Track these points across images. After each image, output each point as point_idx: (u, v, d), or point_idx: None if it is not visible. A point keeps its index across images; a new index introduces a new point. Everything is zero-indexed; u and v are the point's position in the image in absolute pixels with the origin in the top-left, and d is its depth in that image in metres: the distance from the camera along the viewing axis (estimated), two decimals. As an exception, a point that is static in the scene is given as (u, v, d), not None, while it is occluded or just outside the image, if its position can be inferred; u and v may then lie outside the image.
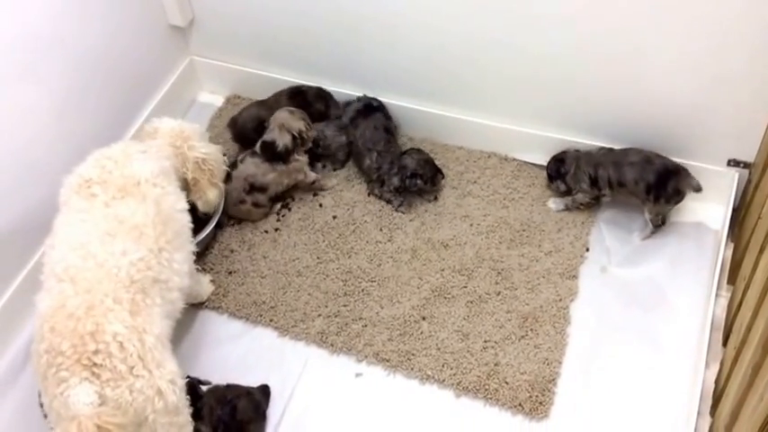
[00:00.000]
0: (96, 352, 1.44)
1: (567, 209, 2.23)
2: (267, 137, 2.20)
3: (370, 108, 2.34)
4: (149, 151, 1.82)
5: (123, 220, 1.62)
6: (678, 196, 2.09)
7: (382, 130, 2.30)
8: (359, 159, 2.32)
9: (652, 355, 1.93)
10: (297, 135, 2.19)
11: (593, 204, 2.22)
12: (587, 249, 2.16)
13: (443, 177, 2.28)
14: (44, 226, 1.68)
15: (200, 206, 2.00)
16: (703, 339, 1.86)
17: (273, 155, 2.18)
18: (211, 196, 1.99)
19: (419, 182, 2.22)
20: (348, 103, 2.39)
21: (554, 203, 2.25)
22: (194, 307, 2.06)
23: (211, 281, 2.11)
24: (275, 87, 2.44)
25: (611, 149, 2.17)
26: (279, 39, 2.36)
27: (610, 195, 2.17)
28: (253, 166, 2.19)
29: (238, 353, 2.01)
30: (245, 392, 1.83)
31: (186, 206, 1.82)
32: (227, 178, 2.14)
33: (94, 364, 1.43)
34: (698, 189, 2.08)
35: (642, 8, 1.87)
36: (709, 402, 1.81)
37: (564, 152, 2.24)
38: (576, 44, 2.01)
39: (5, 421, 1.90)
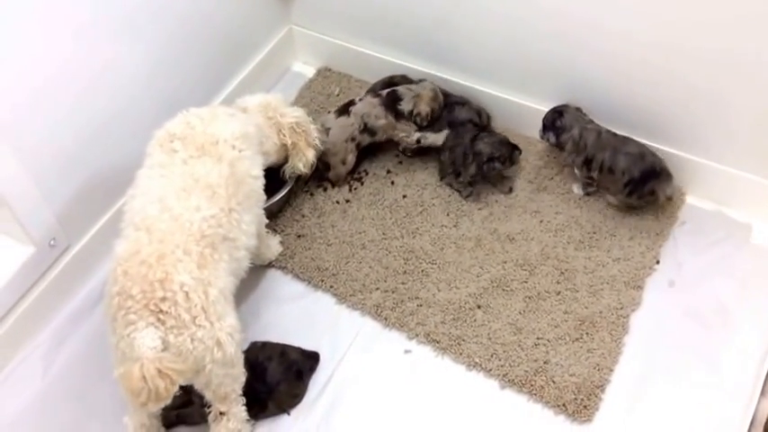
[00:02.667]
0: (163, 299, 1.50)
1: (588, 194, 2.23)
2: (401, 90, 2.27)
3: None
4: (237, 115, 1.89)
5: (198, 179, 1.69)
6: (651, 197, 2.13)
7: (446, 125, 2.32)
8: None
9: (707, 377, 1.87)
10: (415, 112, 2.26)
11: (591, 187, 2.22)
12: (657, 261, 2.10)
13: (521, 152, 2.26)
14: (130, 176, 1.76)
15: (302, 167, 2.12)
16: (763, 367, 1.80)
17: (393, 107, 2.25)
18: (310, 156, 2.11)
19: (497, 165, 2.21)
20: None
21: (577, 188, 2.25)
22: (261, 265, 2.14)
23: (280, 242, 2.18)
24: (368, 64, 2.50)
25: (614, 134, 2.16)
26: (379, 16, 2.38)
27: (596, 179, 2.18)
28: (369, 106, 2.26)
29: (297, 314, 2.07)
30: (279, 352, 1.89)
31: (260, 172, 1.88)
32: (347, 112, 2.26)
33: (161, 311, 1.50)
34: (669, 198, 2.14)
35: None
36: (761, 432, 1.75)
37: (565, 105, 2.21)
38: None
39: (81, 350, 2.03)
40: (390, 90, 2.29)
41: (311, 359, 1.94)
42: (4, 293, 1.92)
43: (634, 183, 2.10)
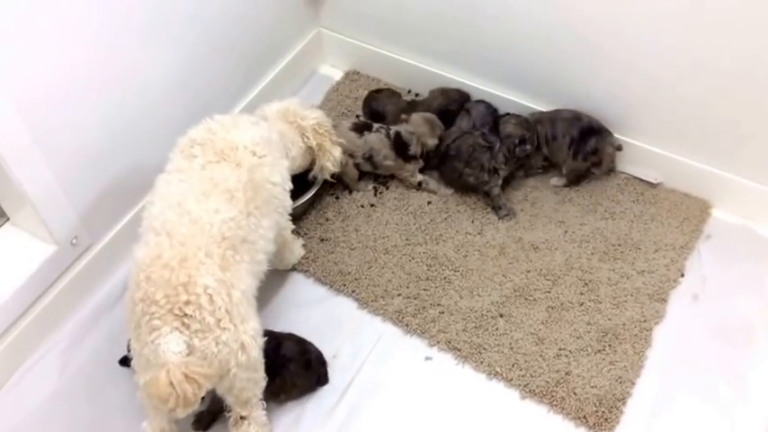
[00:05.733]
0: (187, 303, 1.49)
1: (567, 185, 2.29)
2: (405, 136, 2.26)
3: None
4: (260, 123, 1.89)
5: (217, 183, 1.68)
6: (595, 156, 2.20)
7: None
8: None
9: (730, 394, 1.86)
10: (425, 150, 2.27)
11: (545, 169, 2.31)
12: (682, 275, 2.09)
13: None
14: (153, 177, 1.76)
15: (330, 167, 2.12)
16: (789, 387, 1.77)
17: (402, 152, 2.26)
18: (336, 154, 2.12)
19: (528, 147, 2.20)
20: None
21: (557, 180, 2.30)
22: (285, 269, 2.15)
23: (303, 245, 2.18)
24: (395, 68, 2.51)
25: (542, 111, 2.28)
26: (408, 21, 2.39)
27: (549, 154, 2.26)
28: (379, 143, 2.26)
29: (318, 317, 2.08)
30: (297, 339, 1.91)
31: (282, 179, 1.86)
32: (361, 133, 2.27)
33: (185, 315, 1.49)
34: (619, 148, 2.22)
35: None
36: (783, 454, 1.74)
37: (500, 117, 2.28)
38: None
39: (100, 348, 2.05)
40: (396, 134, 2.26)
41: (323, 365, 1.94)
42: (25, 290, 1.94)
43: (575, 143, 2.18)
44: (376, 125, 2.31)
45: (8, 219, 2.01)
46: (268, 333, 1.78)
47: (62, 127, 1.84)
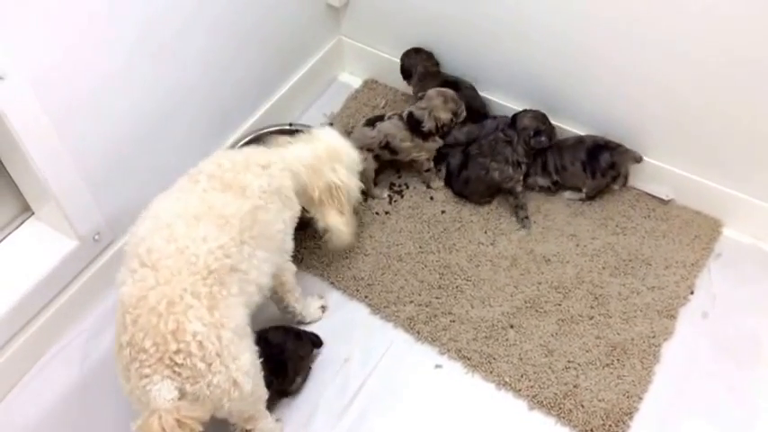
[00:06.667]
0: (177, 351, 1.46)
1: (583, 200, 2.31)
2: (417, 113, 2.27)
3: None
4: (272, 168, 1.79)
5: (213, 207, 1.63)
6: (613, 170, 2.23)
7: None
8: None
9: (738, 413, 1.88)
10: (439, 124, 2.27)
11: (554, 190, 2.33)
12: (692, 292, 2.11)
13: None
14: (175, 177, 1.76)
15: (319, 225, 1.97)
16: (797, 407, 1.79)
17: (417, 131, 2.27)
18: (331, 222, 1.95)
19: (543, 138, 2.23)
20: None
21: (571, 194, 2.32)
22: (301, 270, 2.15)
23: (321, 307, 2.12)
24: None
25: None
26: (429, 32, 2.42)
27: (561, 181, 2.29)
28: (394, 128, 2.28)
29: (331, 321, 2.11)
30: (274, 327, 1.96)
31: (283, 227, 1.80)
32: (373, 125, 2.28)
33: (176, 363, 1.46)
34: (639, 160, 2.23)
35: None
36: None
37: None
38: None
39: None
40: (408, 114, 2.28)
41: (307, 331, 1.99)
42: (47, 284, 1.97)
43: (588, 164, 2.21)
44: (388, 113, 2.33)
45: (33, 213, 2.04)
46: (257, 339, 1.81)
47: (88, 125, 1.86)
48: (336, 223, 1.95)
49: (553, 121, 2.34)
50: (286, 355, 1.90)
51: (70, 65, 1.75)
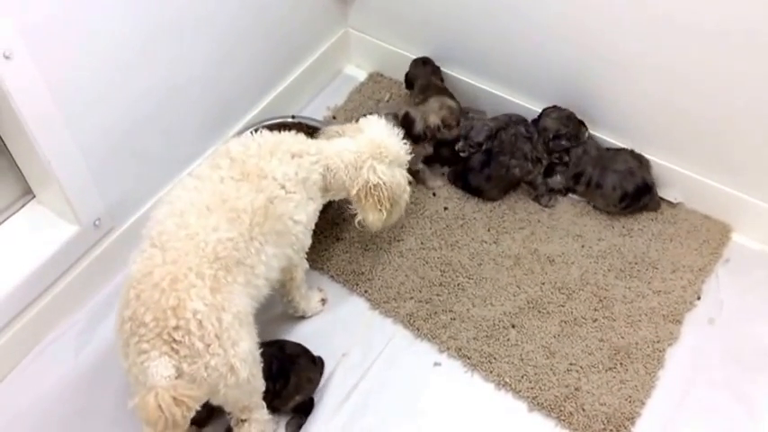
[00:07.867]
0: (177, 328, 1.46)
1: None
2: (413, 113, 2.24)
3: None
4: (304, 158, 1.77)
5: (226, 200, 1.63)
6: (642, 209, 2.23)
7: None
8: None
9: (743, 421, 1.84)
10: (425, 130, 2.23)
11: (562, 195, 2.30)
12: (699, 297, 2.07)
13: (587, 129, 2.24)
14: (176, 166, 1.76)
15: (358, 221, 1.93)
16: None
17: (410, 133, 2.22)
18: (370, 219, 1.89)
19: (564, 142, 2.20)
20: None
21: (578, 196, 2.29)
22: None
23: (322, 300, 2.10)
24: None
25: (607, 149, 2.24)
26: (434, 26, 2.39)
27: (580, 194, 2.27)
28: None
29: (330, 315, 2.08)
30: (294, 342, 1.92)
31: (305, 219, 1.78)
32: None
33: (174, 340, 1.46)
34: (654, 208, 2.23)
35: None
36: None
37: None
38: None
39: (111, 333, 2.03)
40: (405, 113, 2.25)
41: (323, 364, 1.94)
42: (46, 269, 1.94)
43: (629, 198, 2.18)
44: (384, 111, 2.28)
45: (34, 196, 2.01)
46: (272, 343, 1.83)
47: (92, 110, 1.84)
48: (373, 220, 1.90)
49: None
50: (295, 367, 1.85)
51: (73, 49, 1.72)
